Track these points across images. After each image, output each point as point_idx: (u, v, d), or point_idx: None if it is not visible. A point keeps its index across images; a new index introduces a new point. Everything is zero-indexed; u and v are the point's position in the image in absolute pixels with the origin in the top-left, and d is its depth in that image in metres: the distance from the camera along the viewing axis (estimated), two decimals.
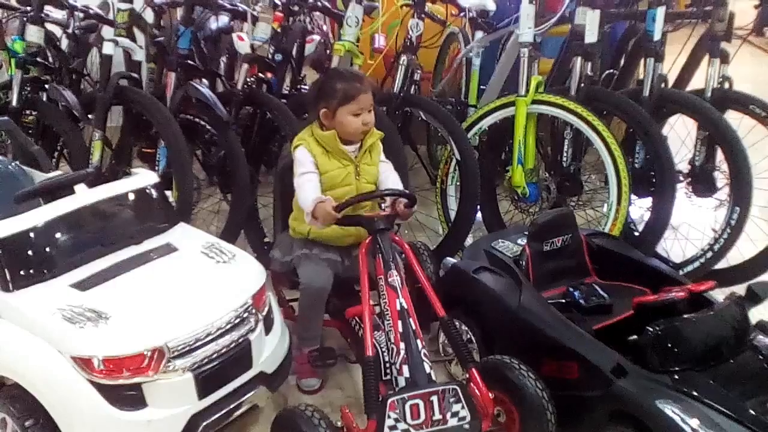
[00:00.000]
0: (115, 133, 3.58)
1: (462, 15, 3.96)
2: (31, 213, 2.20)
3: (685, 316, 2.10)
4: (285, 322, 2.48)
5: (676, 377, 1.99)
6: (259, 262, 2.43)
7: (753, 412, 1.89)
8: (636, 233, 3.27)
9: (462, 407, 1.98)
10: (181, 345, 2.01)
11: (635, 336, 2.10)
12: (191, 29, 3.46)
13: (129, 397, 1.97)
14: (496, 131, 3.51)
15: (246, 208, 3.27)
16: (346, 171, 2.48)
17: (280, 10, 3.58)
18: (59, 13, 3.98)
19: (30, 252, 2.15)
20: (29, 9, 3.53)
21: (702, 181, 3.29)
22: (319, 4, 3.76)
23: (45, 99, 3.59)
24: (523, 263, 2.55)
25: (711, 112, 3.11)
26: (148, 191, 2.46)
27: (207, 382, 2.06)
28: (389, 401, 1.94)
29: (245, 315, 2.18)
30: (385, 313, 2.14)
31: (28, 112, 3.60)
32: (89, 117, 3.37)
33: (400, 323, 2.11)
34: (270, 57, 3.55)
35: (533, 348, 2.27)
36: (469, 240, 3.31)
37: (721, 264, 3.13)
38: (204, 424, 2.06)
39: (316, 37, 4.01)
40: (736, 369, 2.03)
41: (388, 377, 2.13)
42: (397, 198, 2.41)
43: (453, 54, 4.55)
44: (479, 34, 4.02)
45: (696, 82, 3.49)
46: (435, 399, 1.97)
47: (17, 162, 2.85)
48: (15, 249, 2.11)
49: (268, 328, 2.31)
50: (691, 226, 3.40)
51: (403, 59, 3.45)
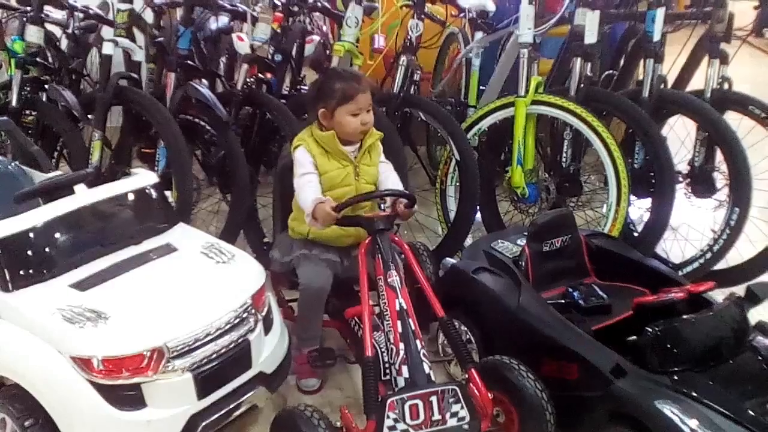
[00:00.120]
0: (115, 134, 3.59)
1: (462, 15, 3.96)
2: (31, 213, 2.20)
3: (685, 316, 2.10)
4: (284, 322, 2.47)
5: (675, 378, 1.99)
6: (259, 262, 2.42)
7: (752, 412, 1.89)
8: (635, 234, 3.27)
9: (461, 407, 1.98)
10: (181, 345, 2.01)
11: (634, 336, 2.11)
12: (191, 29, 3.46)
13: (128, 397, 1.97)
14: (495, 132, 3.51)
15: (245, 208, 3.27)
16: (345, 171, 2.48)
17: (279, 10, 3.58)
18: (59, 14, 3.98)
19: (29, 252, 2.15)
20: (29, 9, 3.54)
21: (701, 182, 3.29)
22: (319, 4, 3.76)
23: (45, 99, 3.59)
24: (523, 264, 2.55)
25: (710, 112, 3.11)
26: (147, 191, 2.46)
27: (206, 382, 2.06)
28: (388, 401, 1.94)
29: (245, 315, 2.18)
30: (385, 314, 2.14)
31: (27, 112, 3.60)
32: (89, 117, 3.37)
33: (399, 323, 2.11)
34: (270, 57, 3.55)
35: (532, 348, 2.27)
36: (469, 240, 3.31)
37: (721, 265, 3.13)
38: (203, 424, 2.06)
39: (315, 38, 4.01)
40: (735, 370, 2.03)
41: (387, 377, 2.13)
42: (398, 198, 2.41)
43: (453, 54, 4.55)
44: (479, 34, 4.03)
45: (695, 82, 3.49)
46: (434, 399, 1.97)
47: (17, 162, 2.85)
48: (15, 249, 2.11)
49: (267, 328, 2.30)
50: (691, 226, 3.40)
51: (403, 60, 3.45)
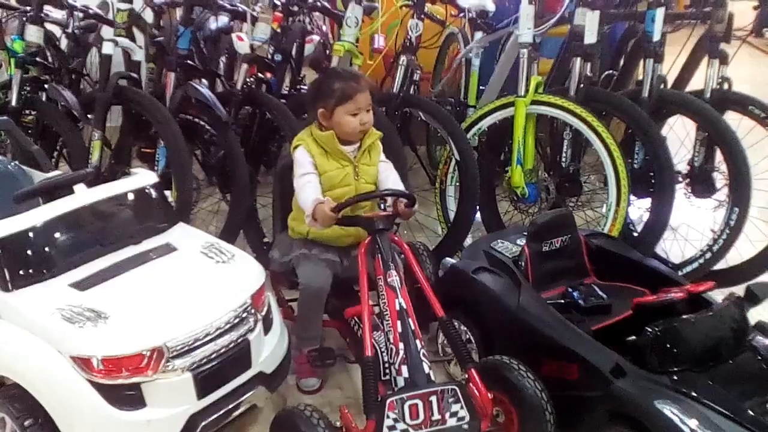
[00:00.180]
0: (115, 133, 3.58)
1: (461, 15, 3.96)
2: (31, 213, 2.20)
3: (684, 316, 2.10)
4: (284, 322, 2.47)
5: (674, 378, 1.99)
6: (259, 262, 2.42)
7: (752, 412, 1.89)
8: (635, 234, 3.27)
9: (461, 407, 1.98)
10: (180, 345, 2.01)
11: (634, 336, 2.11)
12: (191, 29, 3.45)
13: (128, 397, 1.96)
14: (495, 132, 3.51)
15: (245, 208, 3.27)
16: (344, 171, 2.48)
17: (279, 10, 3.58)
18: (59, 13, 3.97)
19: (29, 252, 2.15)
20: (29, 9, 3.53)
21: (701, 182, 3.29)
22: (319, 4, 3.76)
23: (44, 99, 3.59)
24: (522, 264, 2.55)
25: (710, 112, 3.11)
26: (147, 191, 2.46)
27: (206, 382, 2.05)
28: (388, 401, 1.94)
29: (244, 315, 2.18)
30: (384, 314, 2.14)
31: (27, 111, 3.60)
32: (88, 117, 3.37)
33: (399, 323, 2.10)
34: (269, 57, 3.55)
35: (532, 348, 2.27)
36: (469, 240, 3.31)
37: (720, 265, 3.13)
38: (203, 423, 2.05)
39: (315, 38, 4.01)
40: (734, 369, 2.03)
41: (387, 377, 2.13)
42: (398, 197, 2.41)
43: (452, 54, 4.55)
44: (479, 34, 4.02)
45: (695, 82, 3.49)
46: (434, 399, 1.96)
47: (16, 162, 2.85)
48: (14, 249, 2.11)
49: (267, 328, 2.30)
50: (690, 226, 3.40)
51: (403, 59, 3.45)
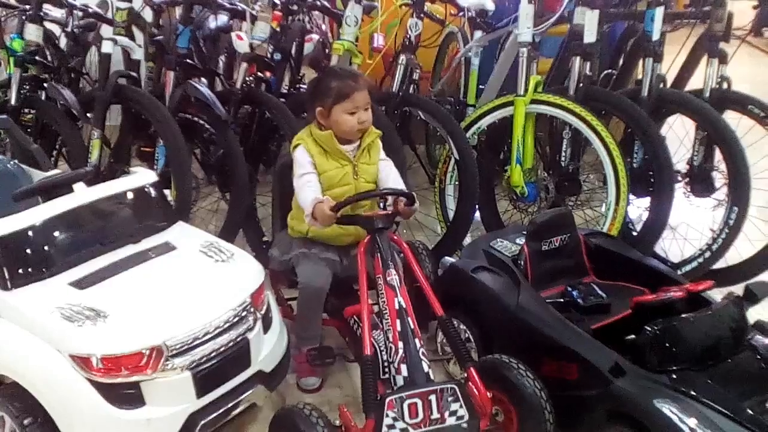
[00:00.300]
0: (114, 132, 3.58)
1: (461, 14, 3.96)
2: (30, 211, 2.20)
3: (683, 315, 2.10)
4: (284, 321, 2.47)
5: (674, 377, 1.99)
6: (258, 261, 2.42)
7: (751, 411, 1.89)
8: (634, 233, 3.27)
9: (460, 406, 1.98)
10: (180, 344, 2.01)
11: (633, 336, 2.11)
12: (190, 28, 3.46)
13: (127, 396, 1.97)
14: (494, 131, 3.51)
15: (245, 207, 3.27)
16: (344, 171, 2.48)
17: (279, 9, 3.58)
18: (58, 12, 3.97)
19: (28, 250, 2.15)
20: (28, 7, 3.53)
21: (700, 181, 3.29)
22: (318, 3, 3.75)
23: (44, 98, 3.59)
24: (522, 263, 2.55)
25: (709, 112, 3.11)
26: (146, 190, 2.46)
27: (205, 380, 2.06)
28: (387, 400, 1.94)
29: (244, 314, 2.18)
30: (384, 312, 2.14)
31: (26, 110, 3.60)
32: (88, 116, 3.37)
33: (398, 322, 2.11)
34: (269, 56, 3.55)
35: (531, 347, 2.27)
36: (468, 239, 3.31)
37: (719, 264, 3.13)
38: (202, 422, 2.06)
39: (315, 37, 4.01)
40: (734, 369, 2.03)
41: (386, 376, 2.13)
42: (398, 196, 2.41)
43: (452, 53, 4.55)
44: (478, 33, 4.02)
45: (695, 82, 3.49)
46: (433, 398, 1.96)
47: (16, 160, 2.84)
48: (13, 247, 2.11)
49: (266, 326, 2.30)
50: (690, 225, 3.40)
51: (402, 59, 3.45)
